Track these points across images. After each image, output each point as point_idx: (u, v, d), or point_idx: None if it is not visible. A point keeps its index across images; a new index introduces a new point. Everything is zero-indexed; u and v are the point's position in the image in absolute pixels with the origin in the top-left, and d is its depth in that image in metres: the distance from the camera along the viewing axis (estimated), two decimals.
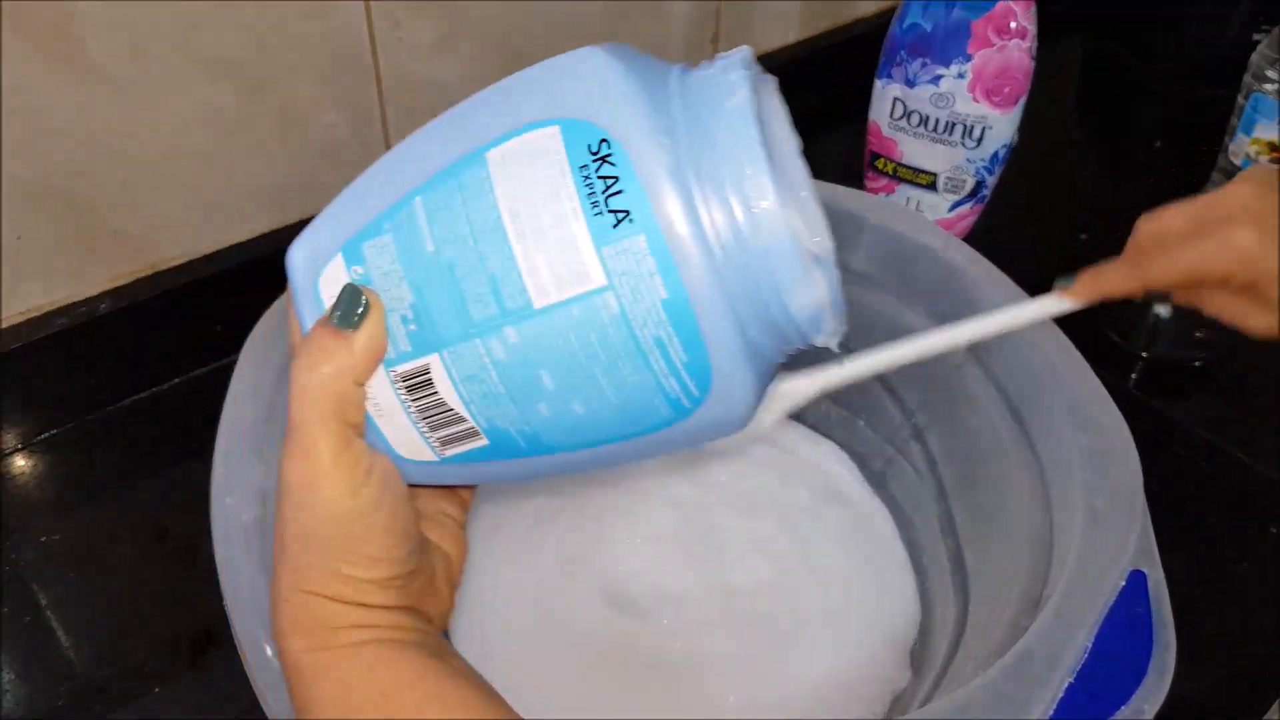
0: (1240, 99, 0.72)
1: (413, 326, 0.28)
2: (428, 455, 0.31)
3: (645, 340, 0.27)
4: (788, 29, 0.86)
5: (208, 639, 0.53)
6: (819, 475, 0.58)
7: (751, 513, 0.55)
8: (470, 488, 0.38)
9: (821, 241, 0.28)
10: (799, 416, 0.61)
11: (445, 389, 0.29)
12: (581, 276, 0.27)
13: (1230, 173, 0.74)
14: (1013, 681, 0.36)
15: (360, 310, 0.28)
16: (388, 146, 0.67)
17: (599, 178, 0.26)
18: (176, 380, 0.65)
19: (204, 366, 0.66)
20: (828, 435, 0.60)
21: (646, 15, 0.75)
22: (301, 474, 0.29)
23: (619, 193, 0.26)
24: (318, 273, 0.30)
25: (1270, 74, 0.69)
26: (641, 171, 0.26)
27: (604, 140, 0.26)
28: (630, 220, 0.26)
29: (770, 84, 0.31)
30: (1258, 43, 0.75)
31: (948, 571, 0.52)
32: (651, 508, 0.55)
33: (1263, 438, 0.65)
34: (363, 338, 0.28)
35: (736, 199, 0.27)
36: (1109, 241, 0.42)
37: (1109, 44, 1.04)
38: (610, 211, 0.26)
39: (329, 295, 0.29)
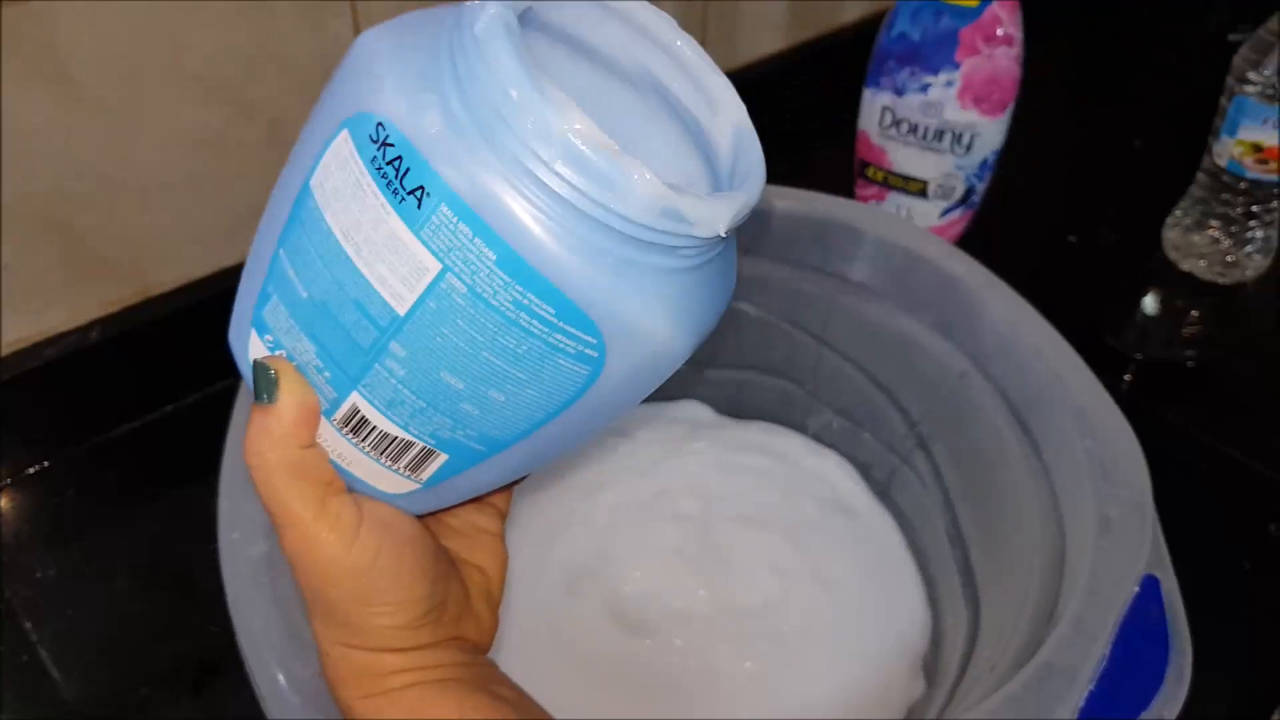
0: (1223, 101, 0.72)
1: (327, 373, 0.28)
2: (409, 485, 0.31)
3: (506, 308, 0.25)
4: (774, 38, 0.86)
5: (208, 671, 0.52)
6: (824, 487, 0.58)
7: (758, 526, 0.55)
8: (505, 493, 0.37)
9: (723, 125, 0.28)
10: (802, 428, 0.61)
11: (379, 420, 0.28)
12: (419, 270, 0.25)
13: (1215, 174, 0.74)
14: (1035, 692, 0.36)
15: (272, 378, 0.28)
16: None
17: (388, 164, 0.25)
18: (169, 408, 0.64)
19: (197, 393, 0.65)
20: (831, 446, 0.60)
21: None
22: (294, 545, 0.29)
23: (407, 170, 0.25)
24: (245, 353, 0.30)
25: (1252, 76, 0.70)
26: (416, 140, 0.24)
27: (379, 124, 0.25)
28: (428, 195, 0.24)
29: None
30: (1234, 44, 0.76)
31: (957, 581, 0.52)
32: (657, 524, 0.55)
33: (1258, 436, 0.65)
34: (285, 402, 0.28)
35: (513, 129, 0.24)
36: (1096, 243, 0.42)
37: (1093, 47, 1.05)
38: (409, 193, 0.25)
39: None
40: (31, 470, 0.61)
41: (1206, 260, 0.77)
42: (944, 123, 0.70)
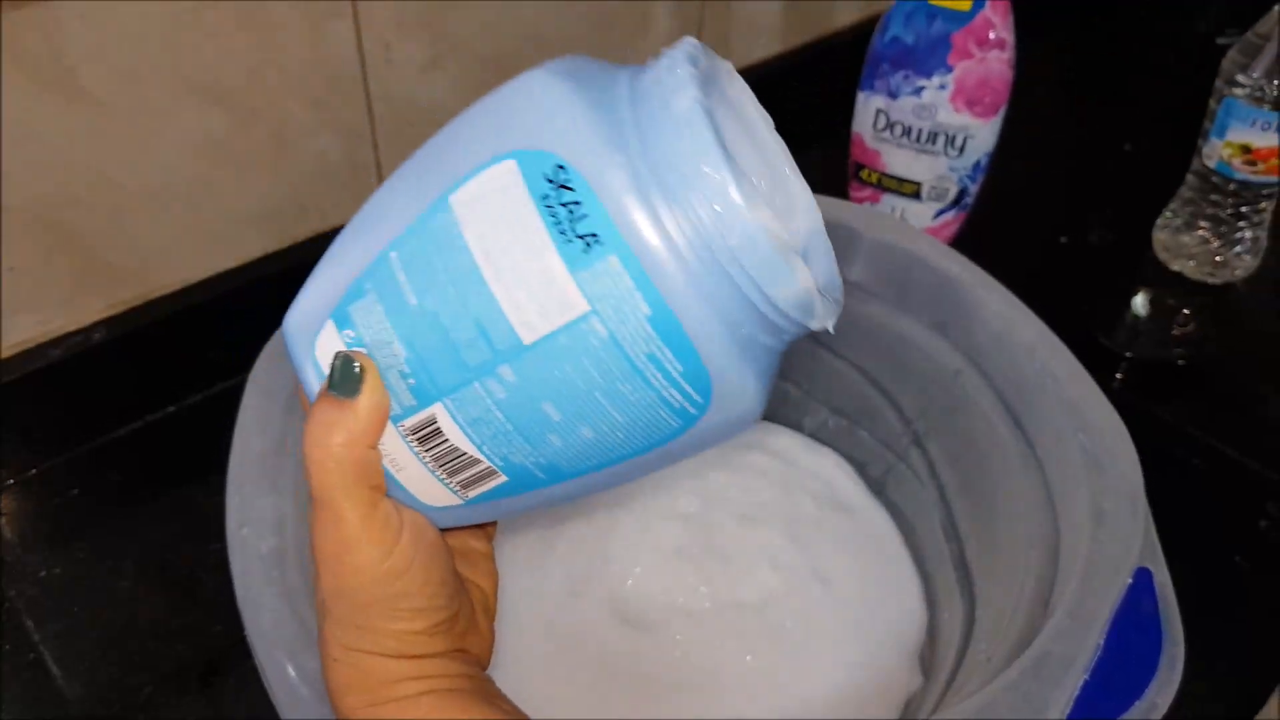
0: (1212, 103, 0.73)
1: (412, 380, 0.29)
2: (451, 500, 0.31)
3: (638, 358, 0.27)
4: (769, 42, 0.87)
5: (213, 669, 0.53)
6: (821, 484, 0.58)
7: (757, 524, 0.55)
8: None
9: (798, 228, 0.29)
10: (798, 427, 0.62)
11: (455, 435, 0.29)
12: (564, 306, 0.27)
13: (1204, 176, 0.75)
14: (1032, 681, 0.37)
15: (356, 375, 0.28)
16: (379, 169, 0.68)
17: (561, 205, 0.26)
18: (172, 409, 0.65)
19: (200, 394, 0.65)
20: (828, 444, 0.61)
21: (630, 31, 0.76)
22: (334, 544, 0.29)
23: (584, 216, 0.26)
24: (312, 342, 0.30)
25: (1240, 78, 0.71)
26: (601, 191, 0.26)
27: (559, 166, 0.26)
28: (599, 242, 0.26)
29: (726, 70, 0.30)
30: (1223, 47, 0.77)
31: (953, 575, 0.52)
32: (657, 523, 0.56)
33: (1249, 433, 0.66)
34: (364, 402, 0.28)
35: (700, 202, 0.26)
36: (1087, 244, 0.43)
37: (1084, 50, 1.07)
38: (578, 237, 0.26)
39: (326, 363, 0.29)
40: (34, 471, 0.61)
41: (1196, 260, 0.78)
42: (937, 125, 0.71)
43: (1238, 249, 0.77)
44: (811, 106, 0.86)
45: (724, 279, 0.27)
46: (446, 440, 0.29)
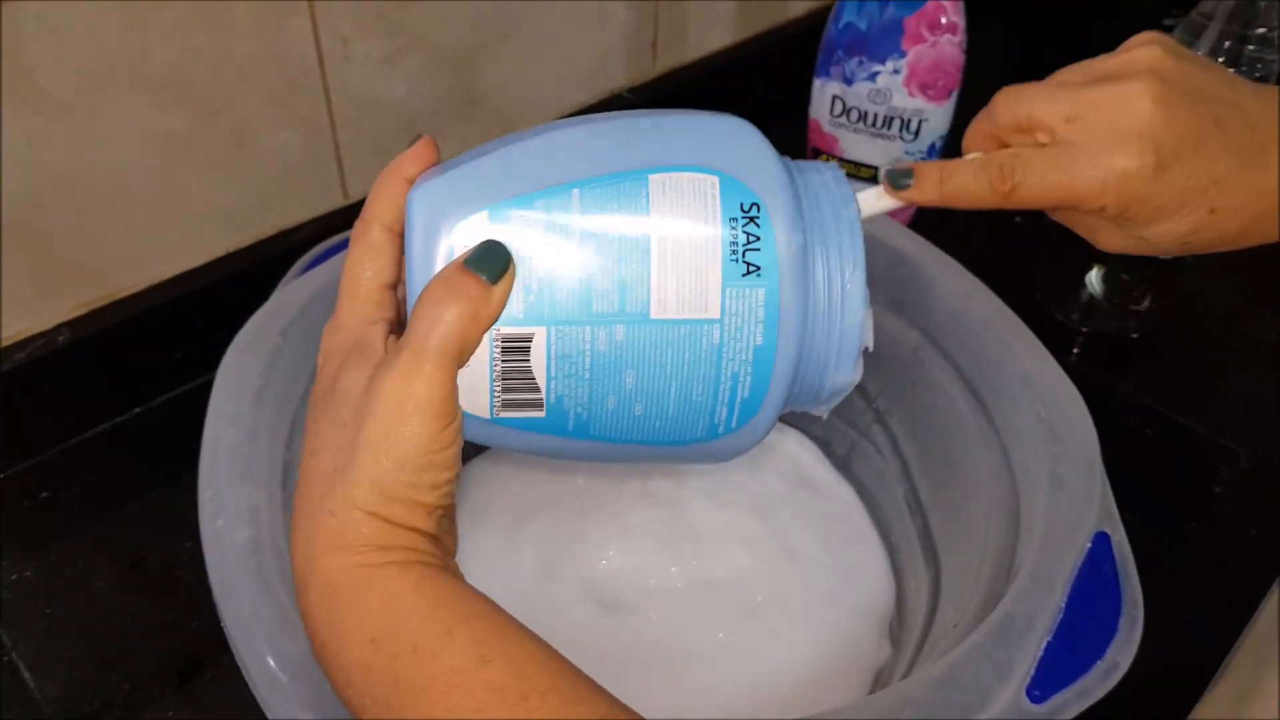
0: None
1: (532, 297, 0.31)
2: (482, 412, 0.33)
3: (725, 371, 0.32)
4: (724, 32, 0.87)
5: (193, 666, 0.53)
6: (787, 463, 0.59)
7: (726, 503, 0.56)
8: None
9: (872, 338, 0.34)
10: None
11: (538, 360, 0.31)
12: (701, 305, 0.31)
13: None
14: (996, 644, 0.38)
15: (503, 265, 0.30)
16: (340, 164, 0.68)
17: (743, 231, 0.31)
18: (139, 409, 0.65)
19: (168, 393, 0.65)
20: (792, 424, 0.62)
21: (589, 23, 0.77)
22: (404, 395, 0.29)
23: (756, 249, 0.31)
24: (453, 221, 0.31)
25: None
26: (779, 241, 0.31)
27: (755, 204, 0.31)
28: (759, 275, 0.31)
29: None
30: (1168, 28, 0.79)
31: (917, 547, 0.54)
32: (627, 504, 0.56)
33: (1201, 402, 0.68)
34: (500, 291, 0.30)
35: (837, 289, 0.32)
36: (1042, 224, 0.44)
37: (1031, 33, 1.08)
38: (744, 262, 0.31)
39: (461, 241, 0.31)
40: (3, 475, 0.61)
41: None
42: (892, 110, 0.72)
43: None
44: (768, 94, 0.87)
45: (820, 352, 0.33)
46: (527, 361, 0.31)
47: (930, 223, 0.58)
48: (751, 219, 0.31)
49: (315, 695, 0.36)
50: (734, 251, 0.31)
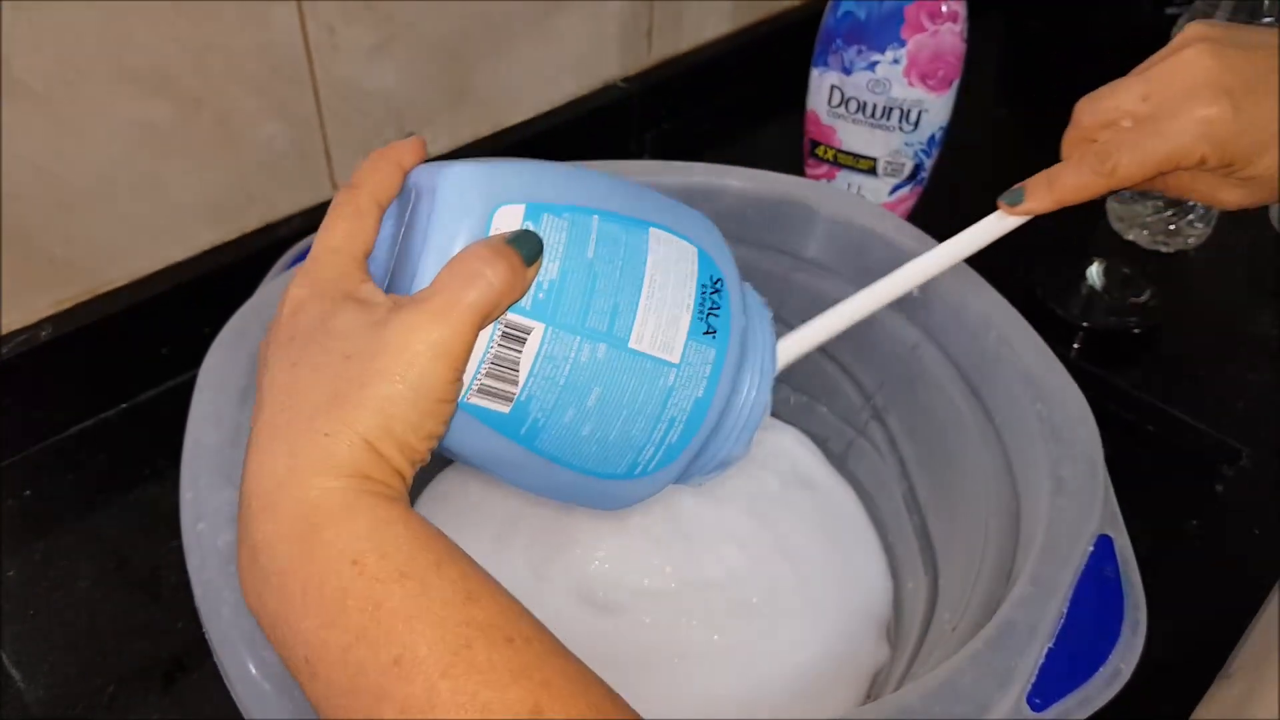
0: None
1: (541, 295, 0.33)
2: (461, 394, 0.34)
3: (668, 412, 0.36)
4: (720, 21, 0.86)
5: (177, 667, 0.52)
6: (784, 461, 0.59)
7: (719, 502, 0.55)
8: None
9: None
10: None
11: (529, 354, 0.33)
12: (668, 348, 0.35)
13: None
14: (996, 651, 0.37)
15: (537, 251, 0.32)
16: (327, 155, 0.67)
17: (709, 297, 0.36)
18: (124, 406, 0.64)
19: (152, 390, 0.64)
20: (789, 421, 0.61)
21: (583, 11, 0.76)
22: (430, 338, 0.30)
23: (716, 316, 0.36)
24: (493, 209, 0.33)
25: None
26: (734, 315, 0.37)
27: (719, 280, 0.37)
28: (714, 337, 0.36)
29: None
30: (1172, 17, 0.78)
31: (915, 547, 0.53)
32: None
33: (1203, 399, 0.67)
34: (532, 275, 0.32)
35: (755, 378, 0.38)
36: (1040, 219, 0.43)
37: (1030, 22, 1.07)
38: (706, 321, 0.36)
39: (497, 226, 0.33)
40: None
41: (1149, 230, 0.79)
42: (891, 100, 0.71)
43: (1190, 217, 0.78)
44: (765, 84, 0.86)
45: (733, 417, 0.38)
46: (520, 353, 0.33)
47: (930, 218, 0.57)
48: (716, 290, 0.37)
49: (295, 702, 0.35)
50: (701, 312, 0.36)
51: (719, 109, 0.86)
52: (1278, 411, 0.67)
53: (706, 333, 0.36)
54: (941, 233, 0.53)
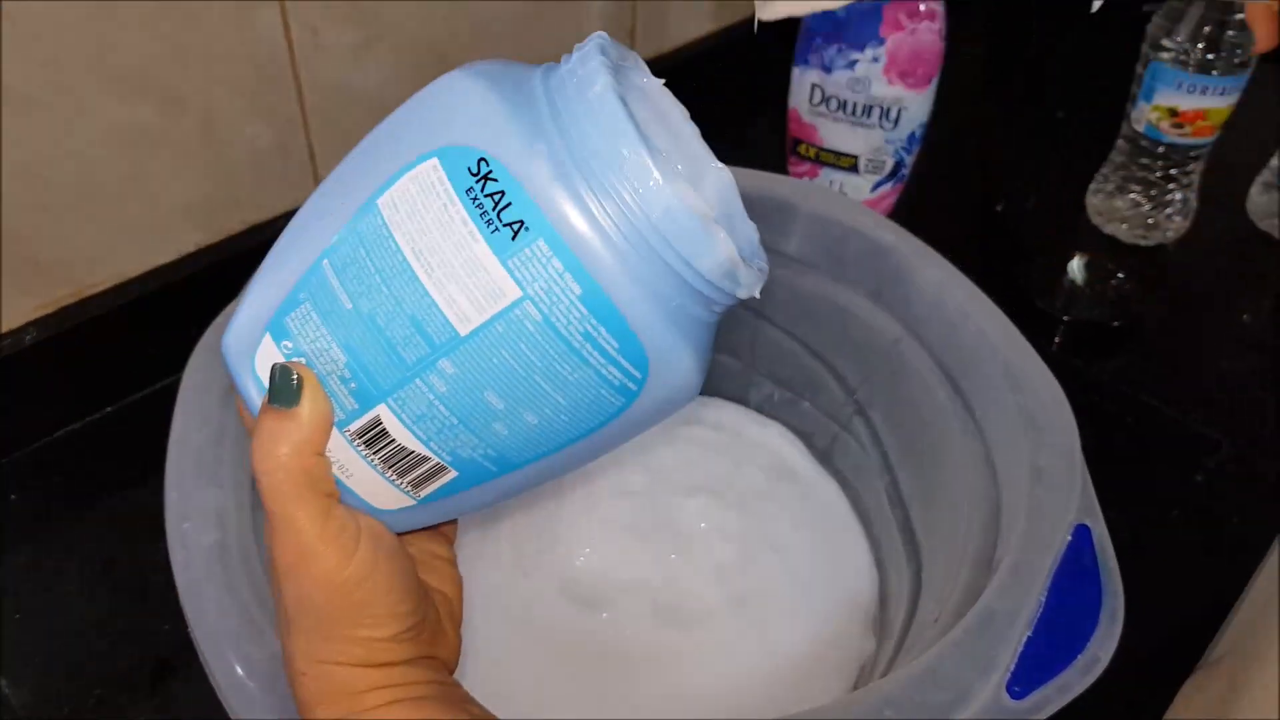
0: (1139, 68, 0.75)
1: (353, 384, 0.29)
2: (404, 501, 0.32)
3: (574, 338, 0.28)
4: (703, 21, 0.86)
5: (166, 669, 0.52)
6: (768, 455, 0.59)
7: (706, 498, 0.56)
8: (453, 522, 0.38)
9: (713, 199, 0.30)
10: (743, 400, 0.62)
11: (401, 434, 0.30)
12: (496, 294, 0.27)
13: (1134, 140, 0.77)
14: (977, 638, 0.37)
15: (295, 385, 0.29)
16: (312, 157, 0.67)
17: (485, 196, 0.27)
18: (110, 409, 0.64)
19: (139, 392, 0.64)
20: (773, 417, 0.61)
21: (565, 13, 0.76)
22: (291, 556, 0.29)
23: (508, 205, 0.27)
24: (251, 357, 0.30)
25: (1166, 42, 0.72)
26: (524, 180, 0.27)
27: (481, 159, 0.27)
28: (526, 229, 0.27)
29: (634, 61, 0.31)
30: (1148, 13, 0.78)
31: (899, 540, 0.53)
32: (605, 501, 0.56)
33: (1183, 390, 0.68)
34: (306, 410, 0.29)
35: (620, 182, 0.27)
36: (1022, 211, 0.43)
37: (1010, 20, 1.08)
38: (505, 225, 0.27)
39: (266, 377, 0.30)
40: None
41: (1128, 224, 0.79)
42: (871, 98, 0.71)
43: (1168, 211, 0.78)
44: (747, 84, 0.86)
45: (650, 254, 0.28)
46: (393, 440, 0.30)
47: (912, 214, 0.57)
48: (486, 177, 0.27)
49: (281, 701, 0.35)
50: (489, 222, 0.27)
51: (702, 108, 0.86)
52: (1256, 402, 0.68)
53: (515, 235, 0.27)
54: (923, 228, 0.54)
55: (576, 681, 0.50)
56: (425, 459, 0.30)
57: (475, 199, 0.27)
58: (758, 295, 0.30)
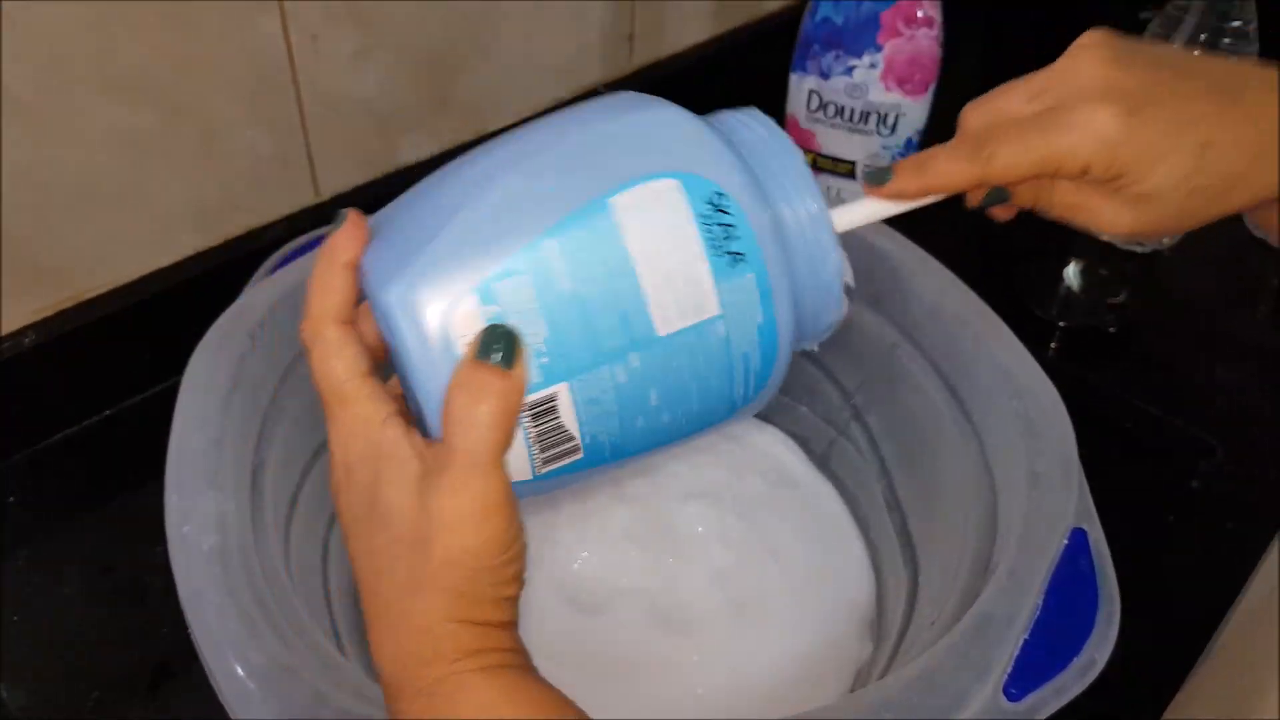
0: None
1: (545, 359, 0.31)
2: (525, 474, 0.33)
3: (737, 357, 0.33)
4: (701, 27, 0.87)
5: (163, 673, 0.52)
6: (766, 461, 0.59)
7: (704, 502, 0.56)
8: None
9: (850, 273, 0.36)
10: None
11: (567, 413, 0.32)
12: (700, 307, 0.32)
13: None
14: (974, 642, 0.38)
15: (514, 347, 0.30)
16: (311, 161, 0.67)
17: (718, 225, 0.32)
18: (109, 412, 0.64)
19: (137, 396, 0.64)
20: (771, 422, 0.61)
21: (565, 17, 0.76)
22: (472, 507, 0.29)
23: (735, 238, 0.32)
24: (446, 315, 0.31)
25: None
26: (751, 221, 0.32)
27: (719, 193, 0.32)
28: (744, 261, 0.32)
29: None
30: (1146, 20, 0.79)
31: (896, 544, 0.53)
32: (603, 505, 0.56)
33: (1179, 396, 0.68)
34: (519, 372, 0.30)
35: (809, 243, 0.33)
36: (1018, 218, 0.43)
37: (1009, 27, 1.08)
38: (728, 253, 0.32)
39: (460, 335, 0.30)
40: None
41: None
42: (869, 104, 0.72)
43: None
44: (745, 90, 0.86)
45: (810, 304, 0.34)
46: (557, 418, 0.32)
47: (909, 220, 0.57)
48: (720, 209, 0.32)
49: (281, 703, 0.35)
50: (715, 247, 0.31)
51: (699, 113, 0.87)
52: (1252, 408, 0.68)
53: (734, 264, 0.32)
54: (920, 235, 0.54)
55: (574, 686, 0.49)
56: (571, 439, 0.32)
57: (708, 225, 0.31)
58: (816, 350, 0.38)
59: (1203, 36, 0.70)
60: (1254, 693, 0.57)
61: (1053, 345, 0.72)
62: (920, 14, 0.68)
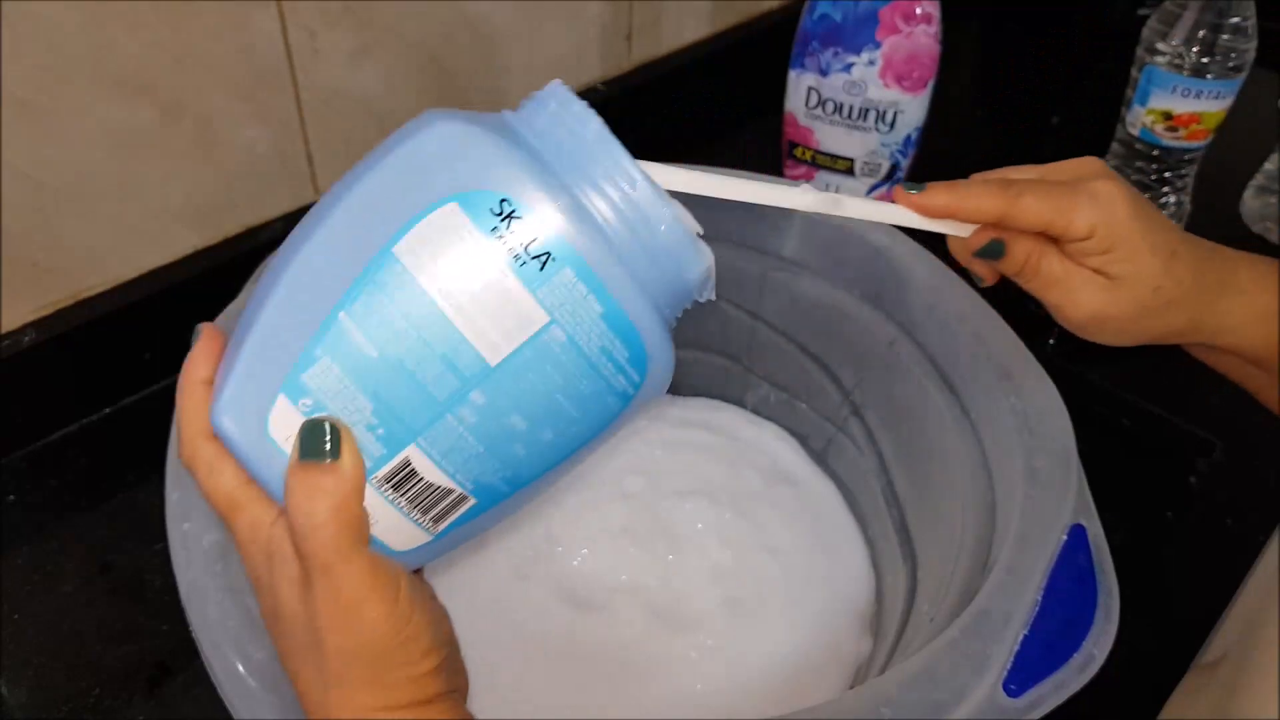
0: (1134, 72, 0.75)
1: (380, 430, 0.30)
2: (421, 538, 0.32)
3: (593, 353, 0.31)
4: (699, 24, 0.87)
5: (163, 670, 0.52)
6: (765, 458, 0.59)
7: (702, 499, 0.56)
8: None
9: (694, 221, 0.33)
10: (740, 402, 0.63)
11: (429, 471, 0.31)
12: (526, 322, 0.30)
13: (1129, 143, 0.77)
14: (972, 638, 0.37)
15: (332, 438, 0.29)
16: (309, 159, 0.67)
17: (511, 234, 0.29)
18: (108, 410, 0.64)
19: (136, 394, 0.65)
20: (770, 418, 0.61)
21: (562, 16, 0.76)
22: (339, 609, 0.29)
23: (533, 239, 0.29)
24: (263, 422, 0.30)
25: (1160, 46, 0.72)
26: (545, 216, 0.30)
27: (503, 200, 0.29)
28: (554, 260, 0.30)
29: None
30: (1144, 17, 0.79)
31: (895, 541, 0.53)
32: (602, 504, 0.56)
33: (1178, 394, 0.68)
34: (348, 460, 0.29)
35: (627, 209, 0.31)
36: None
37: (1006, 24, 1.08)
38: (533, 259, 0.29)
39: (284, 438, 0.30)
40: None
41: None
42: (867, 101, 0.72)
43: (1163, 214, 0.79)
44: (744, 87, 0.86)
45: (654, 269, 0.32)
46: (421, 479, 0.31)
47: None
48: (510, 216, 0.30)
49: (283, 700, 0.35)
50: (516, 257, 0.30)
51: (698, 111, 0.87)
52: (1250, 404, 0.68)
53: (544, 266, 0.30)
54: (917, 233, 0.54)
55: (573, 683, 0.50)
56: (450, 491, 0.31)
57: (500, 236, 0.29)
58: (714, 298, 0.35)
59: (1201, 34, 0.71)
60: (1252, 691, 0.57)
61: (1051, 341, 0.72)
62: (919, 11, 0.68)
